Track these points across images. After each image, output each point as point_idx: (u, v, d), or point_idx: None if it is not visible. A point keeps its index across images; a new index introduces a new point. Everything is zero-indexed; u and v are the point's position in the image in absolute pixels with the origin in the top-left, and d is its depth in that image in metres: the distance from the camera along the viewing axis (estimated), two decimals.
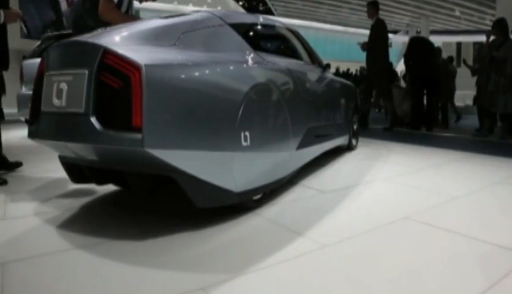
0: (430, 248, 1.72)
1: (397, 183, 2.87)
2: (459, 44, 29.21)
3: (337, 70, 16.48)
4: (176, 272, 1.48)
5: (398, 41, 31.52)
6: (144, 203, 2.36)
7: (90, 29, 2.68)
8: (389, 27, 27.77)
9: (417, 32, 20.11)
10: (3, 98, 9.03)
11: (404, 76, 8.60)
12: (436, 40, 20.69)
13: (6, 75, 9.26)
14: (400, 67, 18.95)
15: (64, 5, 11.83)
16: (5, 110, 9.36)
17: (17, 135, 3.21)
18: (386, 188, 2.75)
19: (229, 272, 1.46)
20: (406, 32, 26.36)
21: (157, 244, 1.74)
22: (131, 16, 2.99)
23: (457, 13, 21.83)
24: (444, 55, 8.95)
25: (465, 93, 11.65)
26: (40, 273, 1.48)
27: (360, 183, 2.85)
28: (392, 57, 7.75)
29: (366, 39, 6.63)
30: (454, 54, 27.85)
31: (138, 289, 1.36)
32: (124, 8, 2.93)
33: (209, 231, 1.87)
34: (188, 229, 1.89)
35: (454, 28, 25.87)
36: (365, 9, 6.92)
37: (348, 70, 16.91)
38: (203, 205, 1.88)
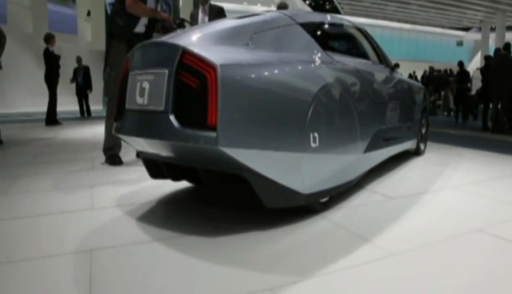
0: (505, 265, 1.60)
1: (468, 192, 2.71)
2: None
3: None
4: (246, 270, 1.51)
5: (470, 39, 29.51)
6: (217, 200, 2.44)
7: (119, 27, 3.24)
8: (461, 24, 26.26)
9: (492, 29, 18.66)
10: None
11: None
12: None
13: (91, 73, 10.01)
14: (471, 67, 17.70)
15: None
16: (91, 107, 10.28)
17: (102, 131, 3.49)
18: (457, 197, 2.60)
19: (297, 275, 1.47)
20: (479, 29, 24.58)
21: (228, 241, 1.79)
22: (156, 11, 3.36)
23: None
24: None
25: None
26: (122, 262, 1.59)
27: (429, 190, 2.73)
28: (464, 56, 7.33)
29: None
30: None
31: (209, 284, 1.41)
32: (151, 5, 3.32)
33: (278, 232, 1.89)
34: (258, 228, 1.92)
35: None
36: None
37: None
38: (272, 205, 1.90)
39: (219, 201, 2.42)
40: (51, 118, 7.62)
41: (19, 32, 11.40)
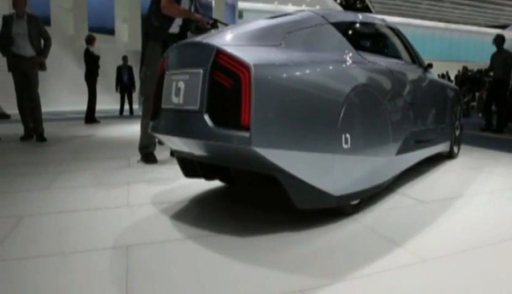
0: None
1: (504, 198, 2.61)
2: None
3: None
4: (276, 271, 1.52)
5: (507, 38, 28.26)
6: (247, 200, 2.47)
7: (155, 28, 3.31)
8: (497, 21, 25.24)
9: None
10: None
11: None
12: None
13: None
14: None
15: None
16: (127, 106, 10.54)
17: (137, 129, 3.62)
18: (492, 203, 2.52)
19: (328, 277, 1.46)
20: None
21: (258, 241, 1.81)
22: (190, 11, 3.39)
23: None
24: None
25: None
26: (157, 258, 1.63)
27: (463, 195, 2.65)
28: None
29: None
30: None
31: (239, 284, 1.43)
32: (185, 6, 3.36)
33: (308, 233, 1.89)
34: (288, 229, 1.93)
35: None
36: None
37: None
38: (303, 206, 1.91)
39: (250, 201, 2.44)
40: (90, 117, 7.87)
41: (62, 33, 11.84)
